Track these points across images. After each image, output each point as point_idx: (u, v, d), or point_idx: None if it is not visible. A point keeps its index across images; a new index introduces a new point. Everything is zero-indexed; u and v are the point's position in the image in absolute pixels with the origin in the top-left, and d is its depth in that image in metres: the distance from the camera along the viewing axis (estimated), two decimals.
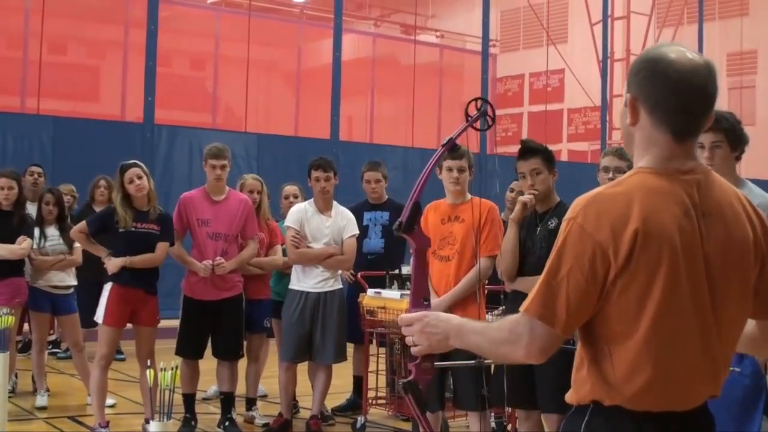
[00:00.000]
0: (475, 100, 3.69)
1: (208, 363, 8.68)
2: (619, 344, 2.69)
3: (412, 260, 3.51)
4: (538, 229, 6.31)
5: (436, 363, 3.21)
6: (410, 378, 3.22)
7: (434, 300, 6.72)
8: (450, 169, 6.92)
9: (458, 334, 2.88)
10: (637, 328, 2.66)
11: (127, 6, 21.85)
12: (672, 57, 2.76)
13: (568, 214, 2.73)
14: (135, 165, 8.11)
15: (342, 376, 8.78)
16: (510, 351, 2.78)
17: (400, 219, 3.48)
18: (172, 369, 5.40)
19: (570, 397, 2.85)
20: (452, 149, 3.77)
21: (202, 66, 24.39)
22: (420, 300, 3.31)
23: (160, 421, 5.42)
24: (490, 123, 3.64)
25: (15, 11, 20.56)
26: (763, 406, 5.18)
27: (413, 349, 3.02)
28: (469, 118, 3.65)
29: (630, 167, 6.64)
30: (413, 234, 3.48)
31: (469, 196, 7.08)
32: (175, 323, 8.63)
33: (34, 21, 18.47)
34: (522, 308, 2.74)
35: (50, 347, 11.35)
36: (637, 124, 2.81)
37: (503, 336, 2.78)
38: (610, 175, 6.67)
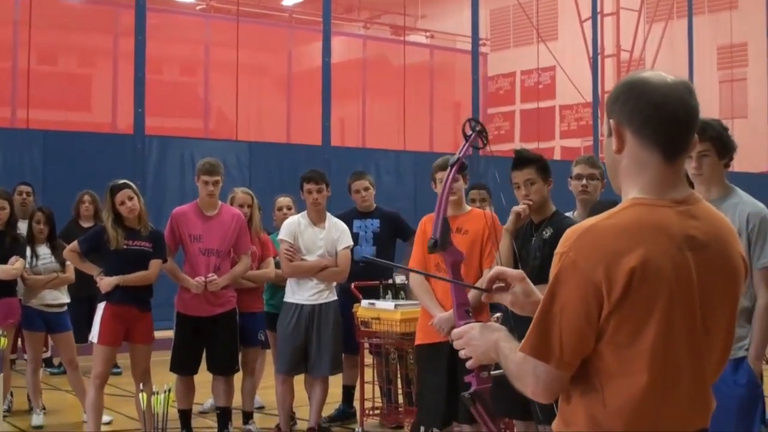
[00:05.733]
0: (469, 120, 3.65)
1: (204, 375, 8.63)
2: (612, 380, 2.64)
3: (449, 275, 3.47)
4: (533, 239, 6.25)
5: (492, 372, 3.16)
6: (473, 389, 3.18)
7: (444, 314, 6.66)
8: (443, 181, 6.82)
9: (495, 350, 2.87)
10: (631, 366, 2.61)
11: (117, 15, 21.75)
12: (649, 77, 2.74)
13: (560, 248, 2.65)
14: (125, 186, 8.05)
15: (331, 385, 8.72)
16: (520, 387, 2.75)
17: (433, 237, 3.43)
18: (164, 392, 5.42)
19: (557, 426, 2.81)
20: (461, 167, 3.72)
21: (193, 72, 24.23)
22: (464, 312, 3.27)
23: None
24: (485, 142, 3.61)
25: (3, 23, 20.45)
26: (760, 415, 5.16)
27: (467, 363, 3.01)
28: (467, 137, 3.61)
29: (603, 175, 6.63)
30: (447, 250, 3.44)
31: (467, 207, 7.02)
32: (169, 334, 8.57)
33: (23, 32, 18.35)
34: (519, 347, 2.71)
35: (42, 365, 11.26)
36: (623, 150, 2.74)
37: (514, 371, 2.75)
38: (584, 182, 6.61)
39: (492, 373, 3.15)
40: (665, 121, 2.68)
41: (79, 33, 21.95)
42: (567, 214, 6.88)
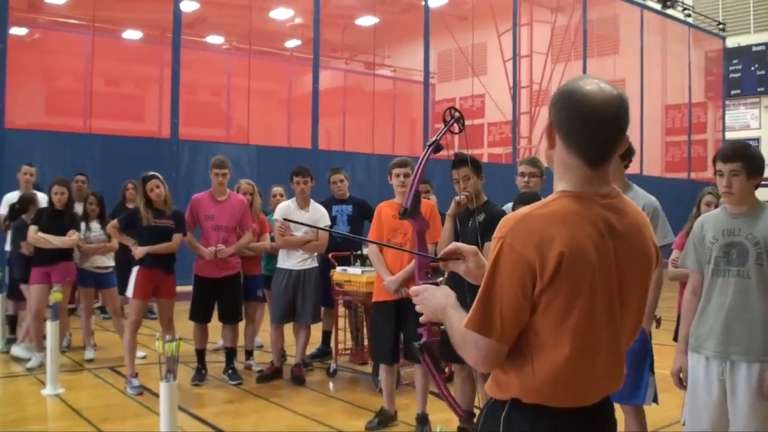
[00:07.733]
0: (449, 108, 3.10)
1: (215, 323, 8.13)
2: (541, 353, 2.18)
3: (414, 240, 2.97)
4: (470, 222, 5.79)
5: (441, 327, 2.64)
6: (423, 340, 2.72)
7: (391, 277, 6.25)
8: (398, 175, 6.45)
9: (443, 314, 2.37)
10: (558, 340, 2.15)
11: (162, 52, 21.22)
12: (585, 90, 2.19)
13: (498, 233, 2.17)
14: (154, 177, 7.61)
15: (313, 330, 8.26)
16: (463, 356, 2.27)
17: (404, 206, 2.92)
18: (176, 341, 5.12)
19: (491, 390, 2.33)
20: (436, 148, 3.13)
21: (218, 94, 23.85)
22: (424, 273, 2.77)
23: (167, 381, 5.13)
24: (462, 127, 3.08)
25: (78, 56, 20.01)
26: (649, 365, 4.77)
27: (421, 318, 2.51)
28: (446, 123, 3.07)
29: (541, 173, 6.14)
30: (416, 218, 2.93)
31: None
32: (189, 289, 8.11)
33: (92, 62, 17.99)
34: (463, 324, 2.21)
35: (98, 312, 10.86)
36: (554, 148, 2.26)
37: (458, 342, 2.26)
38: (526, 179, 6.17)
39: (441, 328, 2.65)
40: (589, 134, 2.19)
41: (135, 64, 21.63)
42: (509, 204, 6.48)
